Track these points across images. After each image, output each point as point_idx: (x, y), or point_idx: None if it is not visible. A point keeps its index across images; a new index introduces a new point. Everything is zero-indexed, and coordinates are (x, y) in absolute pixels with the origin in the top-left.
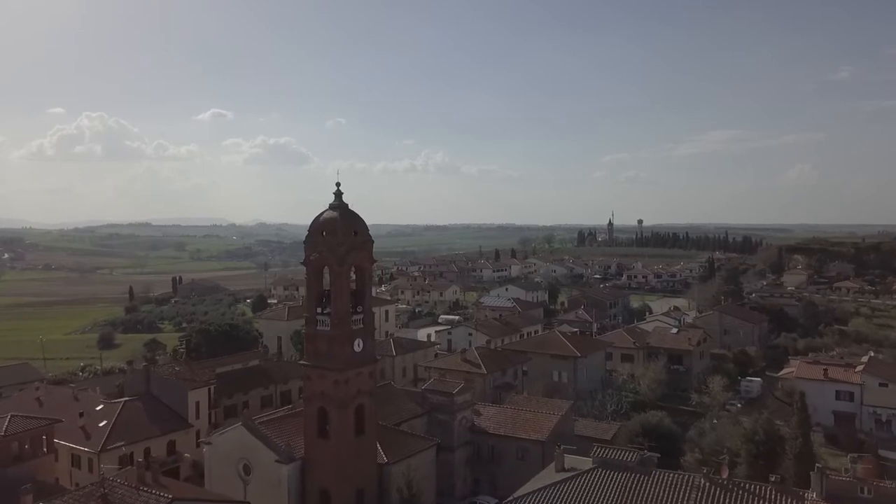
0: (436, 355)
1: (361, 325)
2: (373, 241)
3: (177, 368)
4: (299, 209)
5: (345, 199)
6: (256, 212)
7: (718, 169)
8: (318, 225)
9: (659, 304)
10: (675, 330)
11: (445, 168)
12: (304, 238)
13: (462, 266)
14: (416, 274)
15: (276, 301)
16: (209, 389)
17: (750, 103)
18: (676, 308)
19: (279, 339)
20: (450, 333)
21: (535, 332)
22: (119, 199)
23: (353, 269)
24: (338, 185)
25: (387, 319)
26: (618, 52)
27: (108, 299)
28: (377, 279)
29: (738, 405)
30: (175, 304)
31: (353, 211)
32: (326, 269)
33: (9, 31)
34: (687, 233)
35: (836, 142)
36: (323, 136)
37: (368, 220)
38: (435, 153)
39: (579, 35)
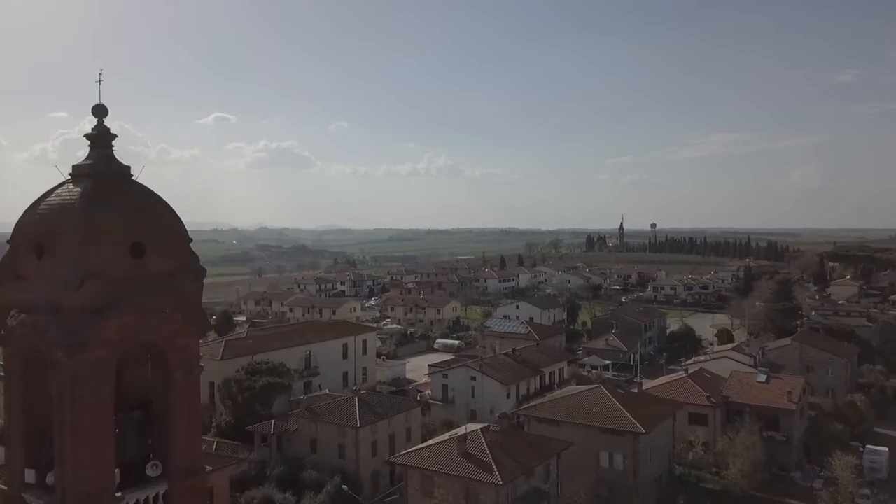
0: (427, 407)
1: None
2: (204, 271)
3: None
4: (301, 212)
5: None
6: (259, 216)
7: (721, 172)
8: (31, 227)
9: (696, 323)
10: (762, 377)
11: (448, 171)
12: (302, 242)
13: (464, 276)
14: (410, 285)
15: (244, 318)
16: None
17: (752, 105)
18: (728, 333)
19: (211, 386)
20: (445, 377)
21: (561, 371)
22: None
23: (140, 352)
24: (98, 112)
25: (364, 352)
26: (618, 53)
27: None
28: (368, 291)
29: (873, 495)
30: None
31: (142, 186)
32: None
33: (11, 33)
34: (705, 237)
35: (838, 144)
36: (325, 139)
37: (370, 225)
38: (438, 156)
39: (580, 36)
